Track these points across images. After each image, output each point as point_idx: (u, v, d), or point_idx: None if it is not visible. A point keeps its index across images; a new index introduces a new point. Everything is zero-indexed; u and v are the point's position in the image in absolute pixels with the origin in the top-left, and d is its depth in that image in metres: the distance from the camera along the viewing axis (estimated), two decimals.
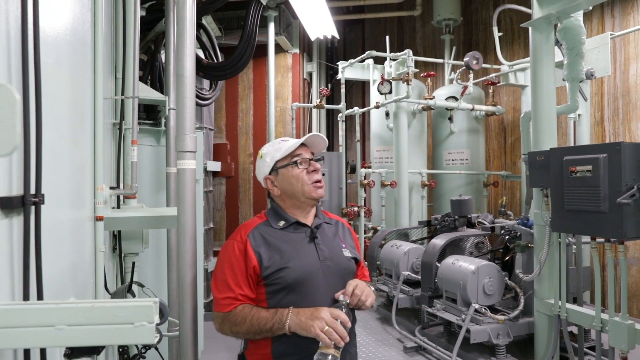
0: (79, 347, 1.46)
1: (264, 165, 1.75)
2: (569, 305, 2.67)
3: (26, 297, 1.20)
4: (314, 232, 1.70)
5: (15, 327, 1.08)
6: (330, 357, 1.41)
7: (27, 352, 1.20)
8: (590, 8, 2.94)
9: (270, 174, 1.74)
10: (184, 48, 1.83)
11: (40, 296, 1.26)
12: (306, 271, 1.58)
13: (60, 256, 1.54)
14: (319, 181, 1.71)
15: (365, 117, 7.03)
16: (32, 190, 1.22)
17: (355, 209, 4.82)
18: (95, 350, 1.49)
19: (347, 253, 1.74)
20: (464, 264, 3.17)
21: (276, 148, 1.74)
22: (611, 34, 3.88)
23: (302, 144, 1.74)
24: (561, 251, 2.70)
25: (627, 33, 4.09)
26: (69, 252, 1.64)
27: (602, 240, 2.40)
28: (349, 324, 1.47)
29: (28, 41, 1.20)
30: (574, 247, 3.09)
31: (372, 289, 1.72)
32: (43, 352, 1.26)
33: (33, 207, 1.23)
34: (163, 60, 3.92)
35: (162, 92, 3.58)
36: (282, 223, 1.70)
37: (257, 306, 1.61)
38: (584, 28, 2.90)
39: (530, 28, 2.92)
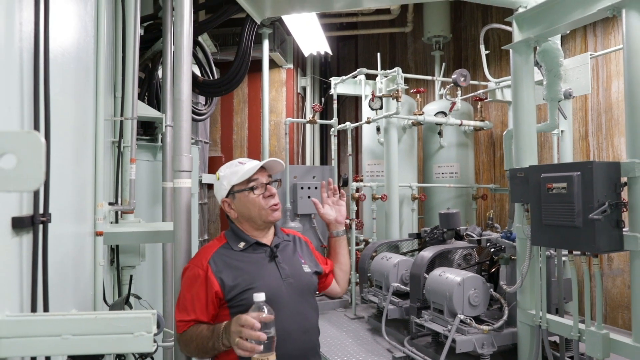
0: (80, 357, 1.55)
1: (221, 188, 1.79)
2: (549, 316, 2.78)
3: (34, 308, 1.30)
4: (274, 252, 1.76)
5: (25, 337, 1.18)
6: None
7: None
8: (567, 31, 3.09)
9: (227, 197, 1.79)
10: (181, 74, 1.95)
11: (46, 308, 1.36)
12: (271, 290, 1.61)
13: (63, 270, 1.64)
14: (276, 205, 1.77)
15: (358, 131, 7.17)
16: (40, 210, 1.33)
17: (347, 221, 4.93)
18: (96, 358, 1.59)
19: (307, 269, 1.82)
20: (450, 276, 3.28)
21: (233, 171, 1.78)
22: (591, 54, 4.04)
23: (260, 167, 1.78)
24: (542, 264, 2.82)
25: (606, 53, 4.26)
26: (72, 266, 1.75)
27: (578, 253, 2.52)
28: (257, 325, 1.41)
29: (40, 74, 1.32)
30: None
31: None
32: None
33: (41, 226, 1.34)
34: (160, 77, 4.05)
35: (159, 109, 3.70)
36: (242, 244, 1.75)
37: (203, 324, 1.65)
38: (561, 51, 3.05)
39: (511, 50, 3.07)
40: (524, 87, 3.00)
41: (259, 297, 1.50)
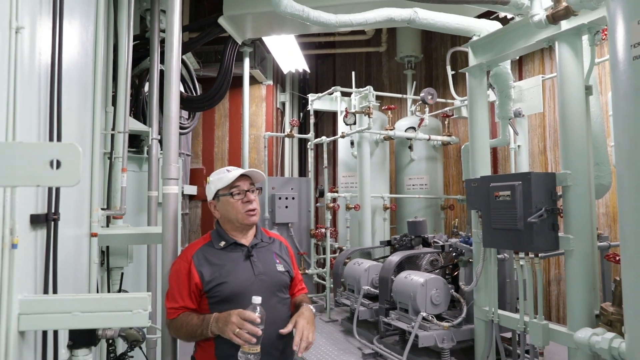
0: (79, 339, 1.79)
1: (209, 191, 2.06)
2: (500, 312, 3.09)
3: (45, 291, 1.54)
4: (250, 251, 2.01)
5: (41, 314, 1.42)
6: (251, 356, 1.69)
7: (44, 334, 1.53)
8: (517, 57, 3.46)
9: (213, 199, 2.05)
10: (170, 93, 2.22)
11: (55, 292, 1.60)
12: (242, 285, 1.86)
13: (65, 266, 1.88)
14: (252, 210, 2.01)
15: (335, 144, 7.49)
16: (52, 210, 1.58)
17: (323, 230, 5.20)
18: (92, 342, 1.83)
19: (280, 268, 2.06)
20: (414, 278, 3.57)
21: (219, 177, 2.03)
22: (542, 77, 4.44)
23: (244, 176, 2.03)
24: (492, 264, 3.14)
25: (555, 76, 4.66)
26: (72, 263, 1.98)
27: (523, 255, 2.84)
28: (258, 320, 1.71)
29: (54, 95, 1.59)
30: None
31: (312, 308, 2.01)
32: (55, 335, 1.59)
33: (52, 223, 1.59)
34: (146, 93, 4.30)
35: (145, 123, 3.95)
36: (222, 243, 2.01)
37: (193, 313, 1.90)
38: (511, 74, 3.43)
39: (467, 74, 3.43)
40: (478, 106, 3.35)
41: (257, 300, 1.78)
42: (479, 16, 3.65)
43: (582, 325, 2.53)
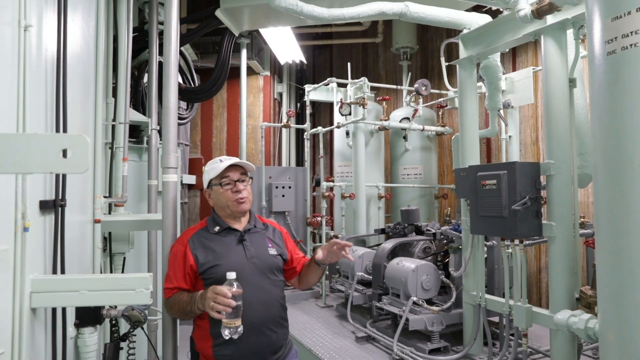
0: (85, 318, 1.91)
1: (204, 179, 2.18)
2: (487, 296, 3.22)
3: (54, 271, 1.65)
4: (243, 235, 2.13)
5: (51, 292, 1.54)
6: (232, 329, 1.77)
7: (53, 312, 1.65)
8: (507, 49, 3.56)
9: (207, 188, 2.17)
10: (169, 85, 2.32)
11: (63, 272, 1.71)
12: (234, 267, 1.95)
13: (71, 250, 1.99)
14: (241, 199, 2.11)
15: (331, 135, 7.59)
16: (60, 196, 1.69)
17: (319, 218, 5.32)
18: (98, 321, 1.95)
19: (272, 251, 2.17)
20: (406, 264, 3.70)
21: (212, 167, 2.14)
22: (533, 69, 4.53)
23: (236, 166, 2.13)
24: (480, 251, 3.26)
25: None
26: (77, 248, 2.10)
27: (509, 242, 2.96)
28: (229, 294, 1.78)
29: (60, 88, 1.68)
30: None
31: None
32: (64, 313, 1.70)
33: (60, 208, 1.69)
34: (145, 84, 4.38)
35: (144, 114, 4.04)
36: (216, 228, 2.12)
37: (184, 292, 2.02)
38: (500, 67, 3.52)
39: (457, 66, 3.52)
40: (468, 98, 3.45)
41: (231, 275, 1.88)
42: (471, 9, 3.73)
43: (562, 308, 2.66)
